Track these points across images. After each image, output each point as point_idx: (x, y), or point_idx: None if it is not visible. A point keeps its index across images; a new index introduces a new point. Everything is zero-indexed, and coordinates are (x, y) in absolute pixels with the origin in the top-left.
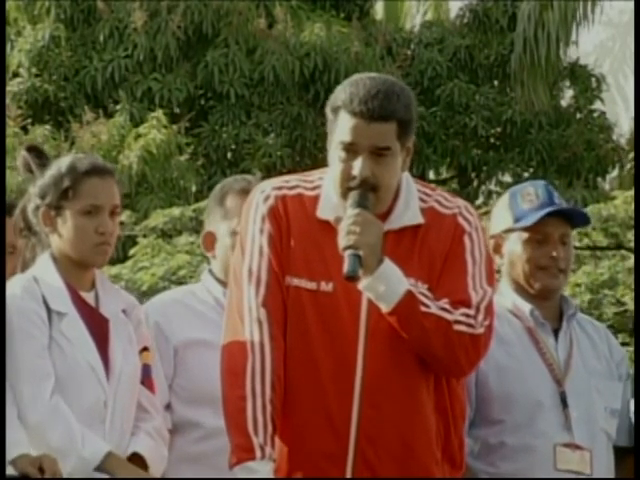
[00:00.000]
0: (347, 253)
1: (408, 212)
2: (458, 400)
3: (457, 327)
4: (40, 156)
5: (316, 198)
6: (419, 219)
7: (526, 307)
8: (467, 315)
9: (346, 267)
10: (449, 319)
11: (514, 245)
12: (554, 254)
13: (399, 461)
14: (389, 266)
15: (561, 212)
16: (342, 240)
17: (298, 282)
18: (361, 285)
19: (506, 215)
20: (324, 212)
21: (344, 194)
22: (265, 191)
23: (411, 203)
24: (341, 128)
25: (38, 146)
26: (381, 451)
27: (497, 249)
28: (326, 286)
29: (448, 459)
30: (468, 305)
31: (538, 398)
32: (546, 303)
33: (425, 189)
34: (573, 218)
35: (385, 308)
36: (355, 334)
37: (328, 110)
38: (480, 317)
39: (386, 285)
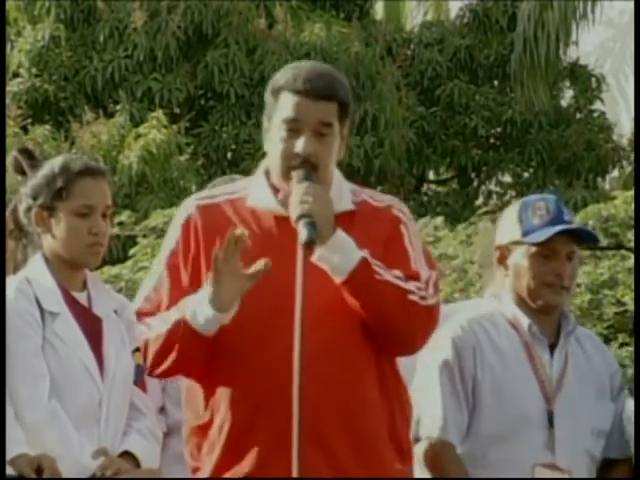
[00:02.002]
0: (301, 222)
1: (341, 200)
2: (403, 387)
3: (411, 297)
4: (32, 158)
5: (242, 199)
6: (351, 206)
7: (525, 321)
8: (418, 287)
9: (303, 235)
10: (403, 286)
11: (520, 258)
12: (560, 271)
13: (346, 431)
14: (342, 236)
15: (574, 233)
16: (295, 210)
17: None
18: (315, 257)
19: (515, 227)
20: (256, 201)
21: (286, 174)
22: (188, 203)
23: (343, 193)
24: (284, 107)
25: (29, 148)
26: (327, 421)
27: (502, 260)
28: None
29: (395, 444)
30: (418, 279)
31: (525, 414)
32: (545, 318)
33: (354, 185)
34: (581, 236)
35: (340, 278)
36: (290, 314)
37: (268, 95)
38: (430, 290)
39: (340, 254)
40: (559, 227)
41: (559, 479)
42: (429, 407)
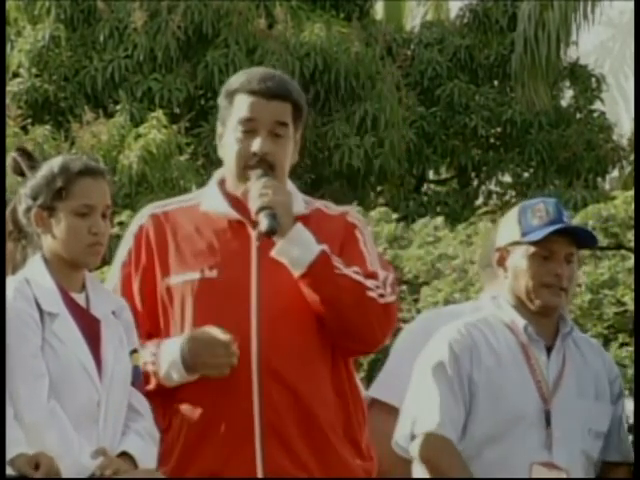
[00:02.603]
0: (262, 214)
1: (295, 204)
2: (358, 392)
3: (369, 293)
4: (30, 158)
5: (195, 206)
6: (304, 210)
7: (521, 323)
8: (377, 286)
9: (264, 224)
10: (362, 282)
11: (519, 259)
12: (559, 272)
13: (303, 427)
14: (301, 229)
15: (569, 231)
16: (254, 203)
17: (177, 278)
18: (274, 251)
19: (514, 229)
20: (209, 206)
21: (242, 175)
22: (141, 212)
23: (297, 198)
24: (239, 108)
25: (28, 149)
26: (285, 417)
27: (501, 262)
28: (210, 272)
29: (350, 441)
30: (375, 278)
31: (521, 414)
32: (543, 320)
33: (307, 197)
34: (580, 238)
35: (299, 271)
36: (246, 314)
37: (222, 99)
38: (388, 289)
39: (300, 247)
40: (557, 226)
41: (557, 479)
42: (425, 405)
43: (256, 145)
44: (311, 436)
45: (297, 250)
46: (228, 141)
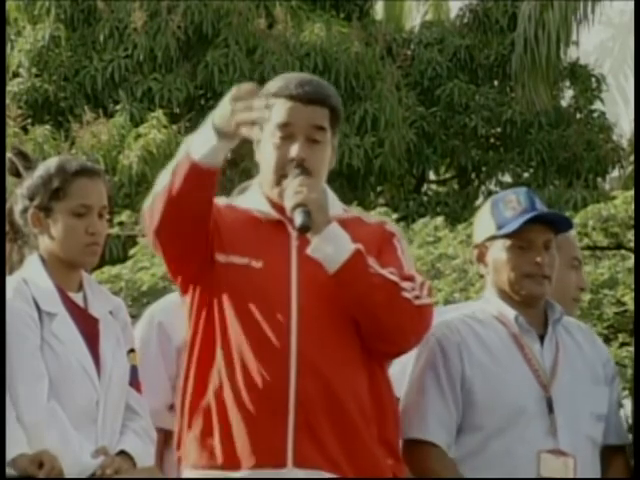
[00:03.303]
0: (296, 211)
1: (333, 207)
2: (392, 395)
3: (404, 294)
4: (26, 159)
5: (238, 205)
6: (342, 212)
7: (511, 314)
8: (412, 287)
9: (298, 220)
10: (397, 282)
11: (498, 253)
12: (538, 260)
13: (337, 426)
14: (337, 227)
15: (543, 218)
16: (290, 200)
17: (231, 259)
18: (309, 249)
19: (489, 223)
20: (251, 204)
21: (278, 181)
22: None
23: (335, 202)
24: (277, 113)
25: (23, 149)
26: (319, 415)
27: (481, 258)
28: (256, 263)
29: (384, 441)
30: (412, 281)
31: (523, 404)
32: (531, 310)
33: (344, 206)
34: (556, 224)
35: (333, 268)
36: (287, 308)
37: None
38: (425, 292)
39: (334, 245)
40: (530, 214)
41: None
42: (414, 409)
43: (294, 150)
44: (344, 433)
45: (331, 248)
46: (266, 146)
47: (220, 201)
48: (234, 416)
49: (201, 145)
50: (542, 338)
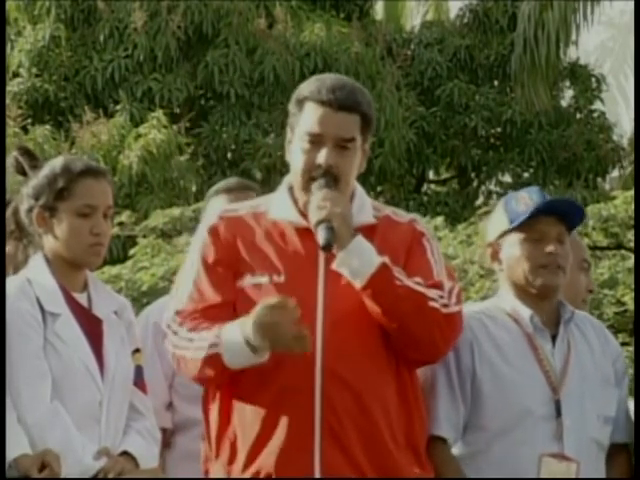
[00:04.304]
0: (320, 227)
1: (362, 214)
2: (419, 396)
3: (431, 304)
4: (32, 157)
5: (264, 212)
6: (372, 219)
7: (526, 312)
8: (440, 295)
9: (321, 238)
10: (424, 292)
11: (512, 248)
12: (551, 249)
13: (364, 433)
14: (362, 240)
15: (555, 209)
16: (313, 215)
17: (246, 281)
18: (335, 263)
19: (502, 220)
20: (277, 213)
21: (306, 185)
22: (212, 214)
23: (365, 206)
24: (307, 118)
25: (29, 148)
26: (346, 423)
27: (494, 256)
28: (278, 278)
29: (411, 448)
30: (440, 288)
31: (532, 405)
32: (546, 306)
33: (377, 202)
34: (568, 217)
35: (359, 283)
36: (312, 319)
37: (292, 105)
38: (453, 299)
39: (360, 258)
40: (541, 204)
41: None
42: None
43: (321, 157)
44: (370, 442)
45: (357, 262)
46: (295, 149)
47: (231, 212)
48: (258, 427)
49: (236, 357)
50: (554, 338)
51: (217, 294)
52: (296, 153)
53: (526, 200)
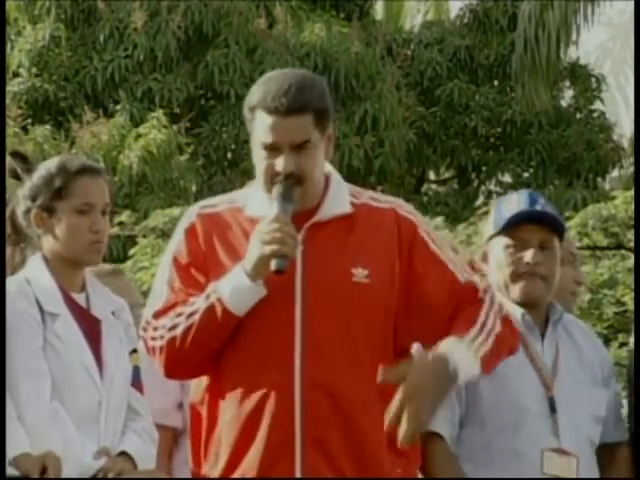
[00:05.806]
0: (272, 260)
1: (337, 204)
2: None
3: (496, 335)
4: (25, 161)
5: (241, 208)
6: (348, 209)
7: (517, 312)
8: (494, 312)
9: (274, 264)
10: (493, 329)
11: (497, 251)
12: (529, 259)
13: (346, 436)
14: (450, 362)
15: (538, 217)
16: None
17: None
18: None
19: (491, 222)
20: (255, 210)
21: (270, 190)
22: (190, 211)
23: (340, 196)
24: (259, 129)
25: (22, 151)
26: (327, 425)
27: (485, 258)
28: None
29: (395, 449)
30: (482, 302)
31: (526, 402)
32: (534, 310)
33: (356, 188)
34: (551, 224)
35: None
36: (290, 317)
37: (245, 110)
38: (492, 296)
39: (463, 372)
40: (518, 212)
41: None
42: None
43: (279, 165)
44: (352, 444)
45: (463, 374)
46: (255, 156)
47: (208, 208)
48: (240, 430)
49: (236, 292)
50: (542, 337)
51: (191, 292)
52: (256, 160)
53: (513, 205)
